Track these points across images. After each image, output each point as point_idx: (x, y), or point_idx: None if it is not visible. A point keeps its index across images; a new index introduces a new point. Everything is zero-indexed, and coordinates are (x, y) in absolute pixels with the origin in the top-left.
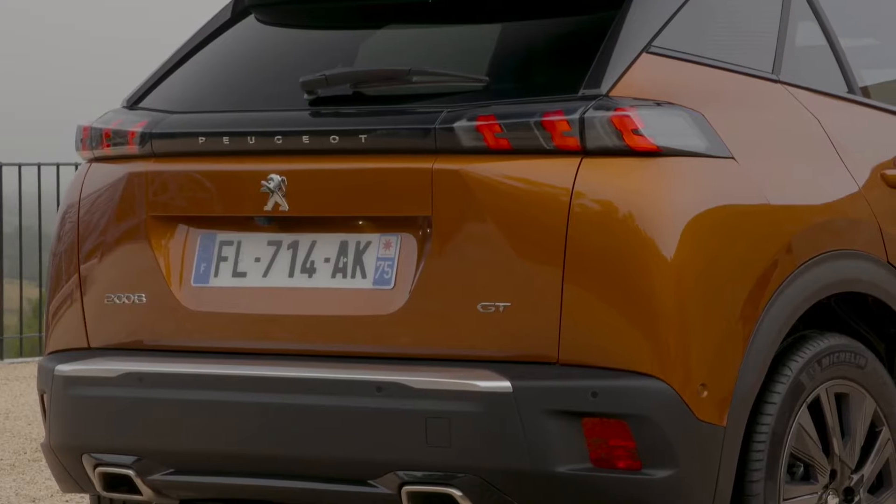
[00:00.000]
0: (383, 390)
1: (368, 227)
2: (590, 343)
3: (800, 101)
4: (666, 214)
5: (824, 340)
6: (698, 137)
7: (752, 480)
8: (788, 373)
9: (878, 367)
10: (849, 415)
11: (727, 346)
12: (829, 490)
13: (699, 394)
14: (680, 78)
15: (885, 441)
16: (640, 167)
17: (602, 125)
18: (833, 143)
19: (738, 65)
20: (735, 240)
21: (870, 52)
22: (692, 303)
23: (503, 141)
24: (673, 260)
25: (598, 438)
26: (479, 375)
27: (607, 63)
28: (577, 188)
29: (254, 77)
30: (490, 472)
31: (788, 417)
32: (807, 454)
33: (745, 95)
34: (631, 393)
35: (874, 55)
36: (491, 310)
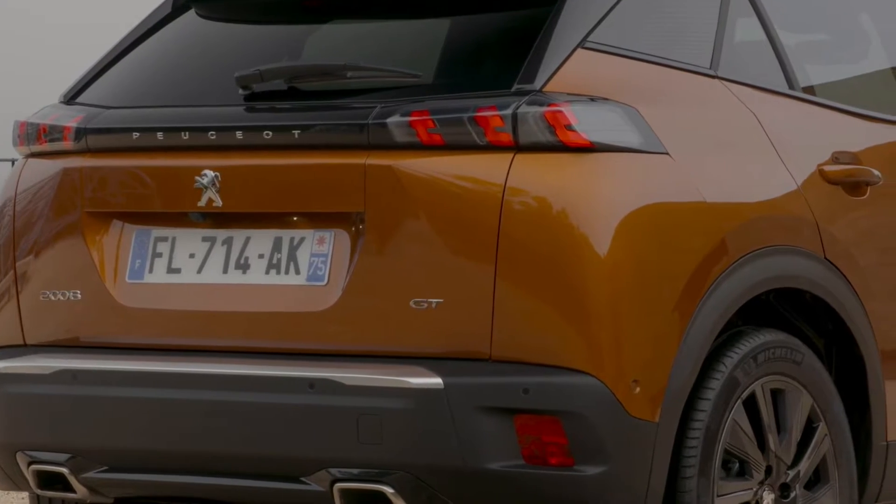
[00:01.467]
0: (315, 387)
1: (302, 223)
2: (522, 340)
3: (738, 97)
4: (598, 210)
5: (760, 336)
6: (632, 133)
7: (686, 477)
8: (723, 369)
9: (814, 362)
10: (785, 411)
11: (660, 342)
12: (765, 486)
13: (631, 390)
14: (615, 73)
15: (822, 437)
16: (573, 163)
17: (535, 120)
18: (771, 138)
19: (676, 60)
20: (669, 236)
21: (821, 47)
22: (625, 299)
23: (436, 136)
24: (605, 256)
25: (529, 435)
26: (411, 372)
27: (541, 58)
28: (509, 184)
29: (191, 72)
30: (422, 469)
31: (723, 413)
32: (741, 450)
33: (681, 91)
34: (563, 389)
35: (826, 51)
36: (423, 306)
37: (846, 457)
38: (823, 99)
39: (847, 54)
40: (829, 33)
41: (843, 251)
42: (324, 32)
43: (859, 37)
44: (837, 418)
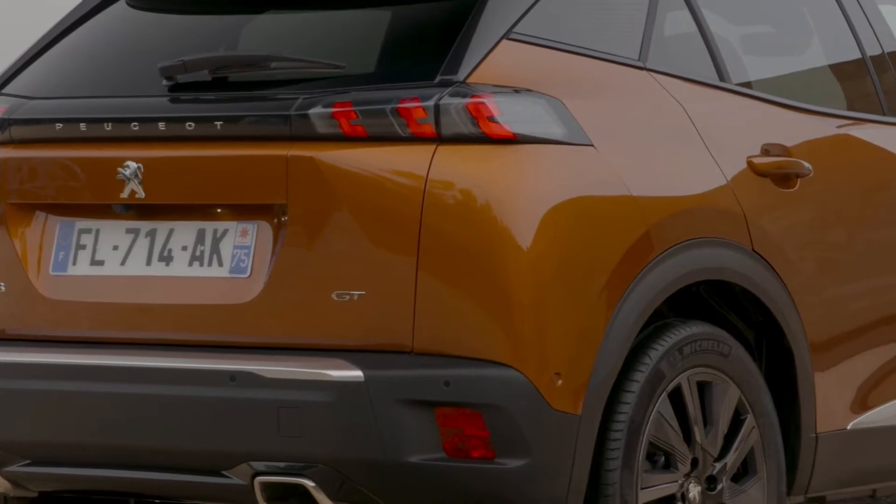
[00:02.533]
0: (236, 380)
1: (226, 214)
2: (444, 332)
3: (666, 89)
4: (520, 202)
5: (686, 329)
6: (556, 125)
7: (609, 469)
8: (648, 361)
9: (742, 355)
10: (712, 403)
11: (583, 334)
12: (691, 478)
13: (553, 383)
14: (540, 64)
15: (750, 429)
16: (496, 154)
17: (457, 112)
18: (699, 130)
19: (603, 52)
20: (593, 228)
21: (757, 40)
22: (547, 291)
23: (359, 128)
24: (528, 249)
25: (451, 428)
26: (332, 365)
27: (465, 50)
28: (431, 176)
29: (118, 63)
30: (343, 463)
31: (647, 406)
32: (667, 443)
33: (607, 82)
34: (484, 382)
35: (761, 43)
36: (346, 298)
37: (774, 449)
38: (754, 91)
39: (783, 47)
40: (764, 26)
41: (771, 243)
42: (251, 23)
43: (796, 30)
44: (766, 410)
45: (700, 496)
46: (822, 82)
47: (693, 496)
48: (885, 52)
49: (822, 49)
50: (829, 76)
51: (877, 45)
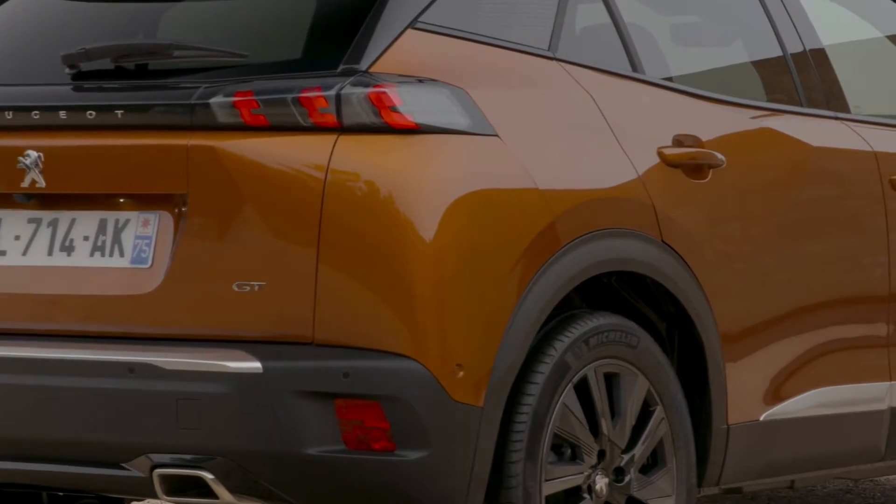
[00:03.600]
0: (135, 371)
1: (128, 204)
2: (345, 323)
3: (575, 79)
4: (422, 192)
5: (593, 320)
6: (460, 114)
7: (512, 461)
8: (553, 353)
9: (651, 346)
10: (620, 394)
11: (485, 326)
12: (598, 470)
13: (454, 374)
14: (446, 54)
15: (659, 420)
16: (398, 144)
17: (359, 102)
18: (608, 121)
19: (511, 41)
20: (496, 218)
21: (683, 30)
22: (449, 283)
23: (260, 117)
24: (429, 239)
25: (350, 420)
26: (231, 356)
27: (369, 39)
28: (332, 166)
29: (20, 51)
30: (241, 455)
31: (552, 398)
32: (572, 434)
33: (515, 72)
34: (383, 374)
35: (688, 34)
36: (246, 289)
37: (684, 441)
38: (668, 82)
39: (701, 39)
40: (683, 18)
41: (681, 234)
42: (156, 11)
43: (716, 23)
44: (675, 402)
45: (607, 488)
46: (739, 74)
47: (600, 488)
48: (805, 47)
49: (742, 42)
50: (747, 68)
51: (797, 39)
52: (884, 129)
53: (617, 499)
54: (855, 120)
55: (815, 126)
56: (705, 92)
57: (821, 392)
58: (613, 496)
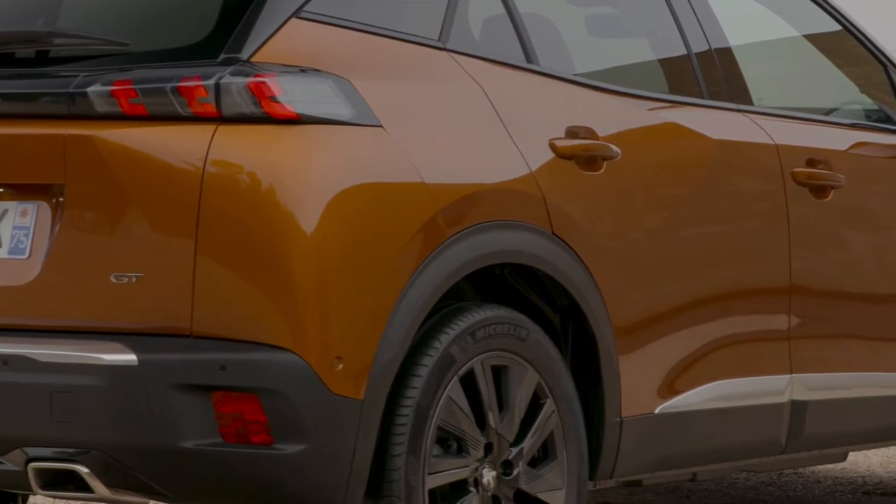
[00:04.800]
0: (9, 363)
1: (7, 194)
2: (223, 316)
3: (466, 70)
4: (302, 183)
5: (480, 312)
6: (343, 105)
7: (394, 454)
8: (438, 345)
9: (542, 338)
10: (508, 387)
11: (366, 319)
12: (485, 463)
13: (334, 367)
14: (331, 44)
15: (550, 413)
16: (278, 135)
17: (238, 91)
18: (498, 112)
19: (401, 32)
20: (379, 210)
21: (592, 21)
22: (328, 275)
23: (139, 107)
24: (308, 231)
25: (227, 413)
26: (106, 348)
27: (252, 28)
28: (211, 156)
29: None
30: (116, 448)
31: (436, 390)
32: (458, 428)
33: (402, 63)
34: (261, 366)
35: (597, 25)
36: (124, 281)
37: (576, 434)
38: (563, 73)
39: (604, 31)
40: (584, 10)
41: (573, 226)
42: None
43: (619, 14)
44: (567, 395)
45: (494, 481)
46: (640, 66)
47: (487, 481)
48: (708, 39)
49: (644, 34)
50: (649, 61)
51: (699, 31)
52: (788, 121)
53: (505, 492)
54: (758, 112)
55: (716, 118)
56: (602, 84)
57: (718, 385)
58: (501, 489)
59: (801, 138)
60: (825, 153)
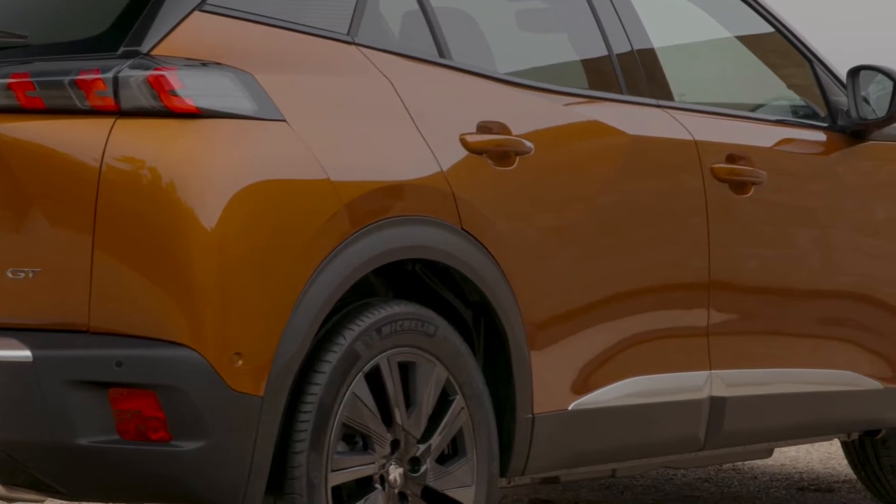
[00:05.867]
0: None
1: None
2: (121, 312)
3: (375, 65)
4: (202, 178)
5: (386, 309)
6: (245, 99)
7: (296, 451)
8: (342, 341)
9: (451, 334)
10: (416, 384)
11: (267, 315)
12: (392, 460)
13: (233, 363)
14: (234, 38)
15: (459, 410)
16: (178, 129)
17: (137, 85)
18: (407, 107)
19: (308, 26)
20: (281, 205)
21: (510, 17)
22: (228, 271)
23: (37, 100)
24: (207, 226)
25: (124, 409)
26: (1, 345)
27: (153, 21)
28: (108, 151)
29: None
30: (11, 445)
31: (339, 387)
32: (362, 424)
33: (308, 57)
34: (158, 362)
35: (514, 21)
36: (21, 276)
37: (486, 430)
38: (476, 68)
39: (522, 26)
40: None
41: (483, 221)
42: None
43: (537, 9)
44: (477, 391)
45: (401, 478)
46: (557, 61)
47: (393, 478)
48: (628, 34)
49: (562, 30)
50: (566, 55)
51: (619, 27)
52: (709, 117)
53: (412, 489)
54: (678, 108)
55: (634, 113)
56: (517, 79)
57: (635, 381)
58: (408, 486)
59: (722, 134)
60: (746, 149)
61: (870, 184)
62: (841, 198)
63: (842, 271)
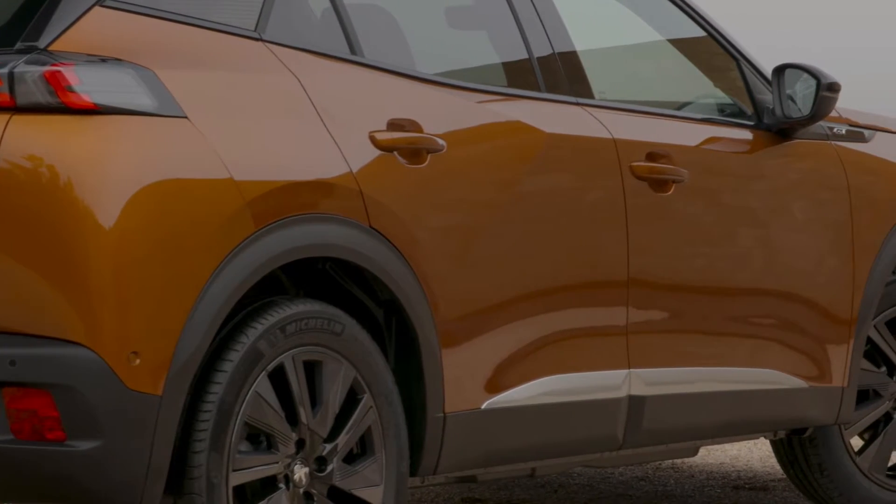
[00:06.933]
0: None
1: None
2: (16, 310)
3: (283, 62)
4: (100, 175)
5: (291, 307)
6: (145, 95)
7: (196, 451)
8: (244, 340)
9: (358, 333)
10: (322, 383)
11: (165, 314)
12: (297, 460)
13: (130, 362)
14: (136, 33)
15: (367, 409)
16: (76, 126)
17: (33, 81)
18: (315, 104)
19: (214, 22)
20: (181, 203)
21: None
22: (125, 270)
23: None
24: (104, 225)
25: (19, 409)
26: None
27: (51, 16)
28: (4, 147)
29: None
30: None
31: (241, 386)
32: (266, 424)
33: (213, 53)
34: (53, 361)
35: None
36: None
37: (395, 430)
38: (388, 65)
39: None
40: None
41: (393, 219)
42: None
43: (455, 7)
44: (385, 390)
45: (307, 477)
46: (474, 58)
47: (298, 477)
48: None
49: (481, 27)
50: (484, 53)
51: (538, 24)
52: (630, 115)
53: (318, 489)
54: (598, 106)
55: (552, 111)
56: (430, 76)
57: (551, 380)
58: (314, 486)
59: (643, 132)
60: (668, 147)
61: (794, 182)
62: (765, 196)
63: (765, 270)
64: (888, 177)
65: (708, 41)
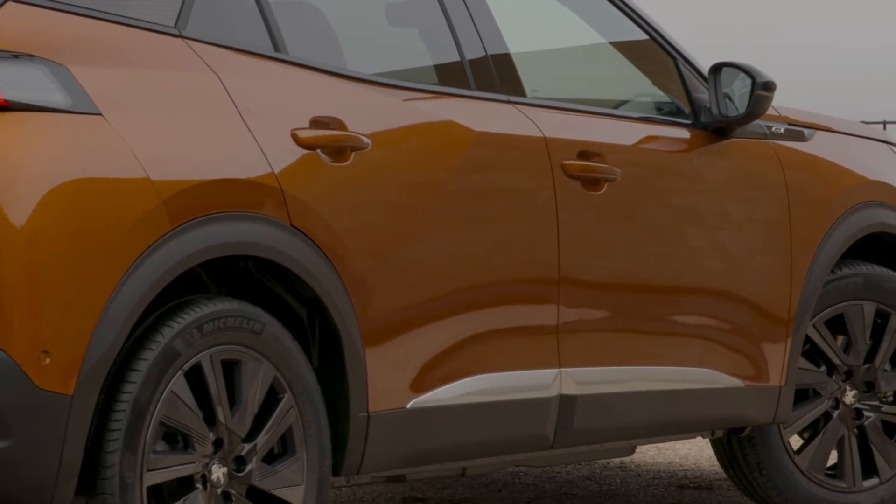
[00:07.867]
0: None
1: None
2: None
3: (203, 59)
4: (9, 173)
5: (208, 306)
6: (58, 92)
7: (109, 451)
8: (160, 339)
9: (278, 332)
10: (241, 382)
11: (77, 312)
12: (215, 460)
13: (40, 361)
14: (49, 29)
15: (288, 408)
16: None
17: None
18: (235, 101)
19: (131, 18)
20: (94, 201)
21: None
22: (35, 268)
23: None
24: (14, 223)
25: None
26: None
27: None
28: None
29: None
30: None
31: (156, 385)
32: (182, 424)
33: (130, 50)
34: None
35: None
36: None
37: (317, 429)
38: (311, 62)
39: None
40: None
41: (315, 218)
42: None
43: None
44: (307, 389)
45: (225, 477)
46: (403, 56)
47: (216, 478)
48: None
49: (411, 25)
50: (413, 50)
51: (468, 22)
52: (563, 113)
53: (237, 489)
54: (530, 105)
55: (481, 109)
56: (355, 73)
57: (479, 379)
58: (233, 486)
59: (575, 131)
60: (601, 146)
61: (730, 180)
62: (700, 194)
63: (700, 269)
64: (827, 175)
65: (646, 40)
